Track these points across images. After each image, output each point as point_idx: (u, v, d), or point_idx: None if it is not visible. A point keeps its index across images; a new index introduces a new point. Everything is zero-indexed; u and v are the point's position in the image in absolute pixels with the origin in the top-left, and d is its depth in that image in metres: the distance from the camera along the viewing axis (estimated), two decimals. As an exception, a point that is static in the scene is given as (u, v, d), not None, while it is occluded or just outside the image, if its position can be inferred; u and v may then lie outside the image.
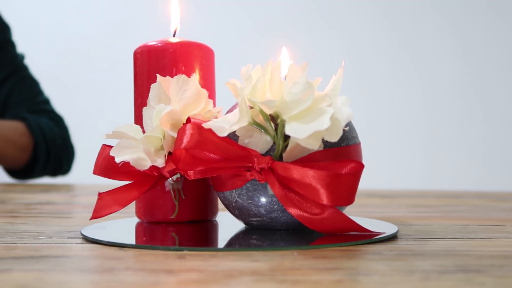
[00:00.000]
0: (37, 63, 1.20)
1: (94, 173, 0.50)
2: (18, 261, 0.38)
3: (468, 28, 2.20)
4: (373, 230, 0.45)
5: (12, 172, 1.10)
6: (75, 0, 2.45)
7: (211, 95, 0.53)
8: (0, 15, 1.14)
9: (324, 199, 0.43)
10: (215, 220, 0.54)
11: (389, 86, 2.28)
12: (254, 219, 0.47)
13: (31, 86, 1.12)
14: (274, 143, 0.45)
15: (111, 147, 0.48)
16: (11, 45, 1.13)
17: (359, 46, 2.28)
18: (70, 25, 2.41)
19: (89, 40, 2.39)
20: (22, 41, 1.25)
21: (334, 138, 0.43)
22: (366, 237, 0.44)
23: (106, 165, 0.49)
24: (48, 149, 1.07)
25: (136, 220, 0.53)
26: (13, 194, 0.82)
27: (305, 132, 0.41)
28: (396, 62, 2.28)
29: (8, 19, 1.16)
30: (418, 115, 2.27)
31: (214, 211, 0.54)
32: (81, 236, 0.47)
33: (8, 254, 0.40)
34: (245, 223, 0.49)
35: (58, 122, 1.12)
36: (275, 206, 0.46)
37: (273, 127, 0.44)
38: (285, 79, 0.47)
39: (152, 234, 0.49)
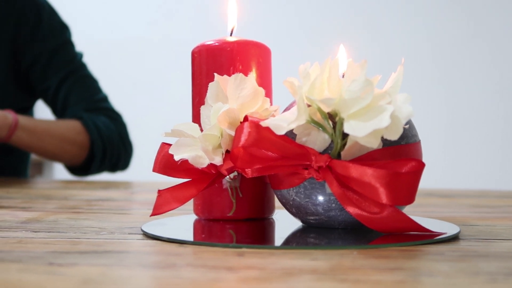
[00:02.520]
0: (95, 63, 1.23)
1: (153, 170, 0.51)
2: (83, 256, 0.39)
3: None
4: (434, 230, 0.44)
5: (72, 168, 1.14)
6: (133, 1, 2.50)
7: (268, 94, 0.53)
8: (59, 16, 1.17)
9: (384, 198, 0.42)
10: (272, 218, 0.54)
11: (450, 84, 2.23)
12: (312, 218, 0.47)
13: (89, 84, 1.15)
14: (332, 141, 0.44)
15: (170, 145, 0.49)
16: (70, 45, 1.16)
17: (418, 43, 2.24)
18: (127, 25, 2.47)
19: (146, 40, 2.44)
20: (80, 41, 1.28)
21: (394, 136, 0.42)
22: (427, 237, 0.43)
23: (165, 163, 0.50)
24: (105, 146, 1.09)
25: (194, 217, 0.54)
26: (74, 191, 0.84)
27: (364, 130, 0.41)
28: (456, 59, 2.23)
29: (67, 20, 1.19)
30: (479, 114, 2.21)
31: (271, 209, 0.54)
32: (142, 232, 0.48)
33: (73, 248, 0.41)
34: (302, 221, 0.49)
35: (115, 120, 1.14)
36: (333, 205, 0.45)
37: (331, 125, 0.44)
38: (343, 77, 0.46)
39: (210, 231, 0.49)
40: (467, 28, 2.22)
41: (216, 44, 0.53)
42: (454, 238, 0.44)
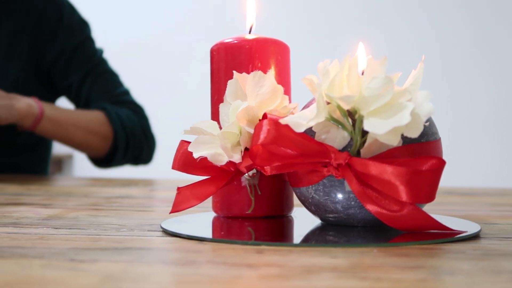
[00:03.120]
0: (114, 61, 1.24)
1: (173, 168, 0.51)
2: (104, 252, 0.39)
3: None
4: (455, 229, 0.44)
5: (95, 160, 1.15)
6: None
7: (287, 91, 0.53)
8: (79, 13, 1.18)
9: (404, 196, 0.42)
10: (291, 216, 0.54)
11: (470, 81, 2.21)
12: (331, 215, 0.47)
13: (110, 79, 1.16)
14: (351, 138, 0.44)
15: (189, 143, 0.49)
16: (90, 41, 1.17)
17: (438, 40, 2.22)
18: (146, 23, 2.48)
19: (165, 38, 2.45)
20: (99, 40, 1.29)
21: (414, 134, 0.42)
22: (448, 236, 0.43)
23: (184, 161, 0.50)
24: (127, 138, 1.10)
25: (213, 214, 0.54)
26: (94, 188, 0.85)
27: (384, 128, 0.41)
28: (477, 56, 2.20)
29: (87, 17, 1.20)
30: (499, 112, 2.19)
31: (290, 206, 0.54)
32: (161, 229, 0.48)
33: (94, 245, 0.42)
34: (321, 219, 0.49)
35: (138, 112, 1.15)
36: (352, 203, 0.45)
37: (351, 123, 0.44)
38: (362, 74, 0.46)
39: (229, 229, 0.49)
40: (482, 26, 2.19)
41: (235, 42, 0.53)
42: (475, 237, 0.44)
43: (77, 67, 1.13)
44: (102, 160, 1.13)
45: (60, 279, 0.32)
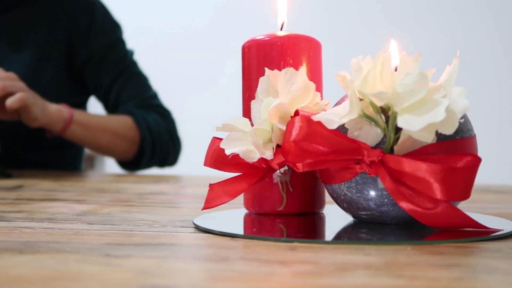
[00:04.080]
0: (147, 57, 1.25)
1: (205, 164, 0.51)
2: (138, 248, 0.40)
3: None
4: (490, 227, 0.43)
5: (122, 163, 1.16)
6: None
7: (319, 88, 0.53)
8: (111, 14, 1.20)
9: (438, 194, 0.42)
10: (322, 213, 0.54)
11: (506, 77, 2.17)
12: (363, 213, 0.46)
13: (140, 82, 1.17)
14: (384, 135, 0.44)
15: (221, 139, 0.49)
16: (121, 43, 1.18)
17: (473, 35, 2.18)
18: (177, 21, 2.50)
19: (197, 35, 2.46)
20: (131, 38, 1.31)
21: (449, 130, 0.41)
22: (483, 234, 0.42)
23: (216, 157, 0.50)
24: (154, 142, 1.12)
25: (244, 211, 0.54)
26: (126, 184, 0.86)
27: (418, 124, 0.40)
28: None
29: (117, 16, 1.22)
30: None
31: (321, 203, 0.54)
32: (193, 226, 0.48)
33: (128, 240, 0.42)
34: (353, 216, 0.48)
35: (165, 116, 1.16)
36: (385, 200, 0.45)
37: (384, 120, 0.43)
38: (395, 71, 0.46)
39: (260, 225, 0.49)
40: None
41: (267, 38, 0.53)
42: (510, 235, 0.43)
43: (108, 69, 1.15)
44: (129, 163, 1.15)
45: (96, 274, 0.33)
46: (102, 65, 1.14)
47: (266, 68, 0.49)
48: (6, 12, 1.11)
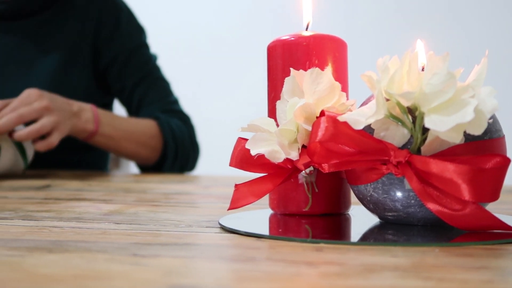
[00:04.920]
0: (169, 61, 1.26)
1: (230, 165, 0.51)
2: (164, 248, 0.40)
3: None
4: (520, 229, 0.43)
5: (144, 168, 1.17)
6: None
7: (344, 88, 0.52)
8: (137, 18, 1.21)
9: (466, 195, 0.41)
10: (348, 214, 0.54)
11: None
12: (390, 214, 0.46)
13: (163, 87, 1.18)
14: (411, 136, 0.44)
15: (246, 140, 0.50)
16: (145, 47, 1.19)
17: (501, 34, 2.15)
18: (200, 22, 2.51)
19: (221, 35, 2.47)
20: (154, 41, 1.32)
21: (477, 131, 0.41)
22: (512, 236, 0.41)
23: (242, 158, 0.50)
24: (177, 148, 1.12)
25: (269, 211, 0.55)
26: (151, 184, 0.87)
27: (446, 125, 0.40)
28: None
29: (141, 18, 1.23)
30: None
31: (347, 204, 0.54)
32: (219, 226, 0.48)
33: (155, 240, 0.43)
34: (380, 217, 0.48)
35: (186, 122, 1.17)
36: (412, 201, 0.44)
37: (411, 120, 0.43)
38: (422, 71, 0.45)
39: (286, 226, 0.49)
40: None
41: (292, 39, 0.53)
42: (541, 237, 0.42)
43: (131, 73, 1.16)
44: (150, 168, 1.16)
45: (124, 273, 0.33)
46: (126, 68, 1.16)
47: (291, 69, 0.49)
48: (34, 16, 1.13)
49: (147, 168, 1.16)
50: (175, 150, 1.12)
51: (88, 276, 0.32)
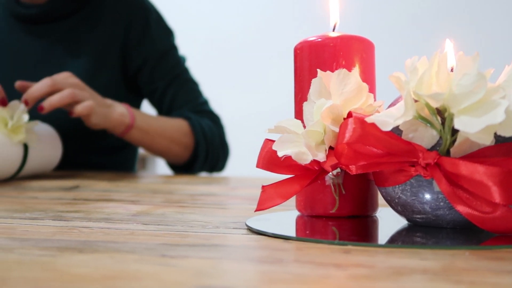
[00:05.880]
0: (197, 62, 1.27)
1: (257, 166, 0.52)
2: (193, 248, 0.40)
3: None
4: (553, 232, 0.42)
5: (175, 167, 1.18)
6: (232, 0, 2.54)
7: (372, 89, 0.52)
8: (165, 21, 1.22)
9: (497, 197, 0.41)
10: (375, 216, 0.53)
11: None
12: (418, 216, 0.46)
13: (192, 88, 1.19)
14: (440, 137, 0.43)
15: (273, 141, 0.50)
16: (175, 49, 1.21)
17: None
18: (228, 23, 2.52)
19: (250, 36, 2.47)
20: (182, 42, 1.33)
21: (508, 132, 0.40)
22: (545, 239, 0.41)
23: (268, 159, 0.50)
24: (208, 148, 1.13)
25: (296, 213, 0.54)
26: (178, 186, 0.87)
27: (476, 126, 0.39)
28: None
29: (169, 20, 1.24)
30: None
31: (374, 206, 0.53)
32: (246, 227, 0.49)
33: (182, 241, 0.43)
34: (408, 219, 0.48)
35: (216, 122, 1.18)
36: (441, 203, 0.44)
37: (440, 121, 0.43)
38: (451, 71, 0.45)
39: (313, 228, 0.49)
40: None
41: (319, 40, 0.53)
42: None
43: (162, 75, 1.17)
44: (181, 167, 1.17)
45: (154, 273, 0.33)
46: (156, 71, 1.17)
47: (318, 70, 0.49)
48: (66, 18, 1.15)
49: (178, 168, 1.17)
50: (206, 150, 1.13)
51: (118, 277, 0.33)
